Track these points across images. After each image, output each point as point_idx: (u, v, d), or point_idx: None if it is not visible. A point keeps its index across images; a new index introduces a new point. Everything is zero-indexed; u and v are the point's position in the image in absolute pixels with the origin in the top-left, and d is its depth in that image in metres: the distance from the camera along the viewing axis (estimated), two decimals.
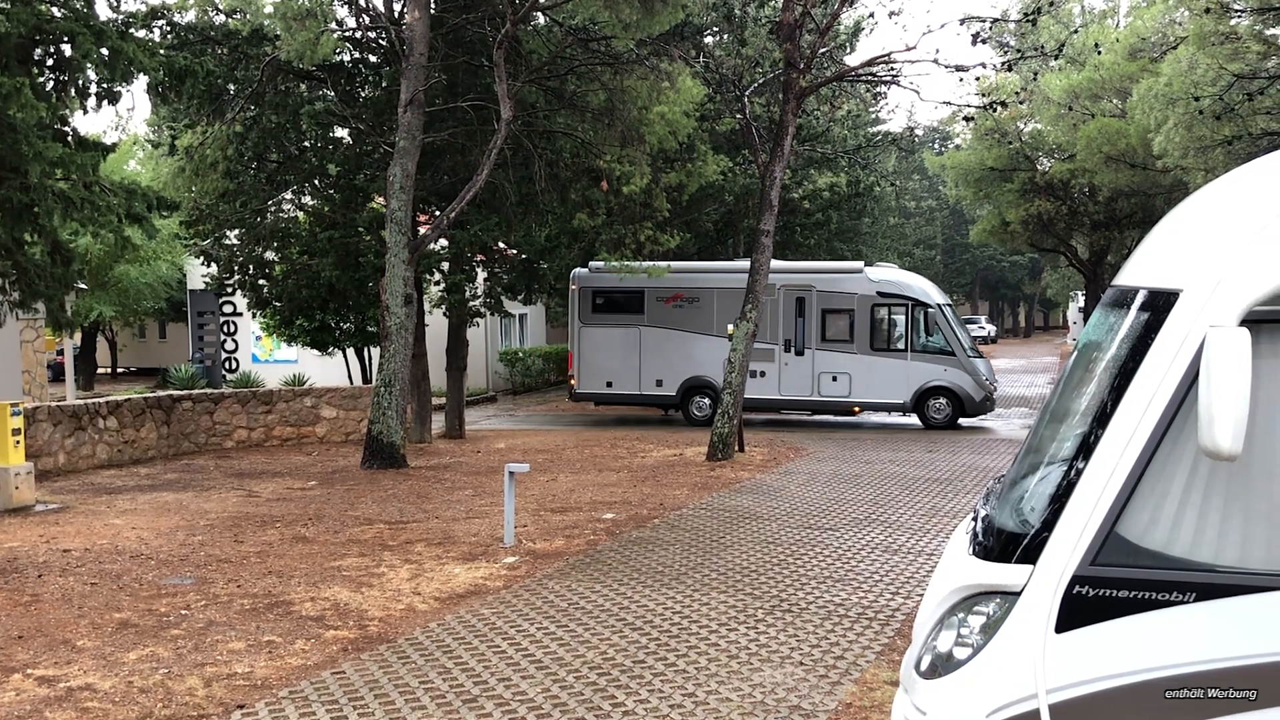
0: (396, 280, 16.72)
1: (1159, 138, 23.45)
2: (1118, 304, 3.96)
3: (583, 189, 21.38)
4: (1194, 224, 3.86)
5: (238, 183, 20.32)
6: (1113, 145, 30.05)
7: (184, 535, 11.38)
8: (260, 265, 21.74)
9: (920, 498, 13.70)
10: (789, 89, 17.31)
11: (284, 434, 20.49)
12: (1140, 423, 3.44)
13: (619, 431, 22.58)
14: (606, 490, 14.30)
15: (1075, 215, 39.20)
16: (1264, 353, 3.33)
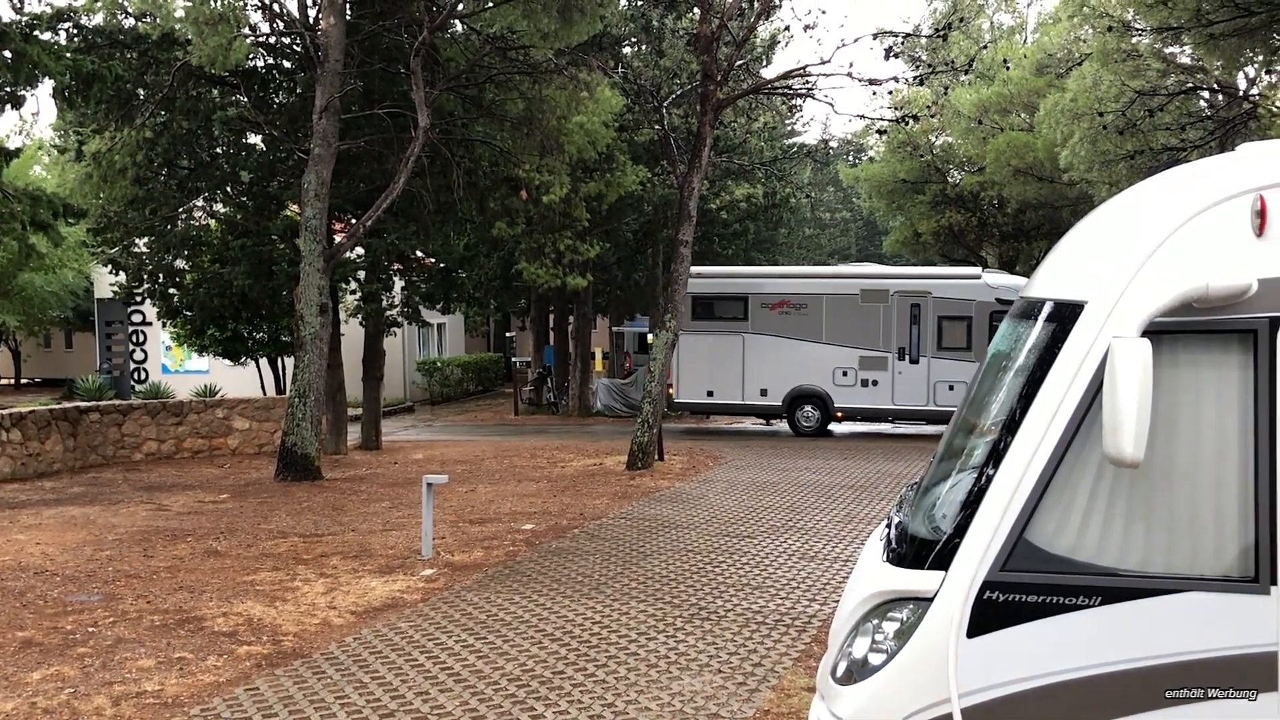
0: (311, 289, 16.47)
1: (1065, 152, 24.13)
2: (1025, 315, 4.06)
3: (502, 197, 21.31)
4: (1098, 238, 3.98)
5: (147, 189, 19.83)
6: (1021, 158, 30.82)
7: (91, 550, 11.05)
8: (170, 273, 21.24)
9: (836, 504, 13.89)
10: (706, 101, 17.45)
11: (195, 446, 20.02)
12: (1047, 431, 3.54)
13: (539, 441, 22.51)
14: (526, 501, 14.24)
15: (985, 227, 40.12)
16: (1165, 362, 3.45)
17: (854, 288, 22.28)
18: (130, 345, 32.50)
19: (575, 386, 29.69)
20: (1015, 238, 39.31)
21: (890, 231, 45.12)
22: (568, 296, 29.38)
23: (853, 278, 22.95)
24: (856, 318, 22.08)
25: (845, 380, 22.41)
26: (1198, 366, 3.52)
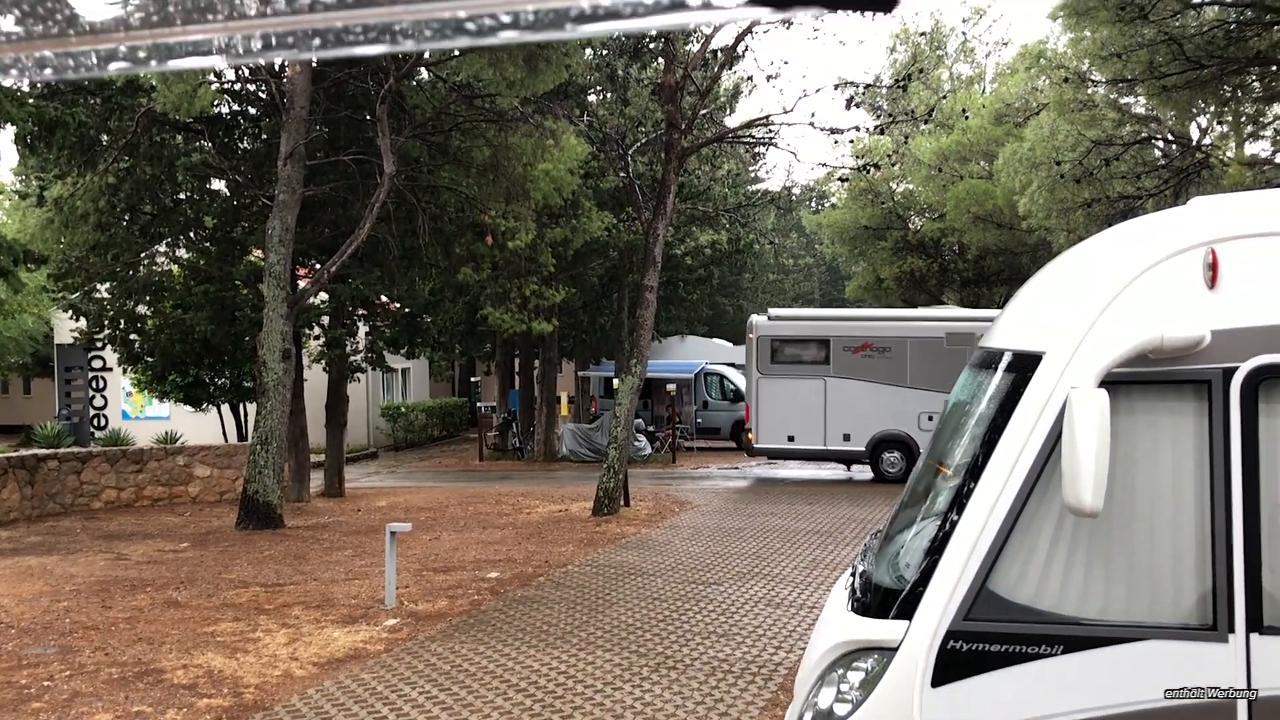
0: (274, 335, 16.35)
1: (1024, 199, 24.52)
2: (985, 365, 4.11)
3: (467, 243, 21.32)
4: (1054, 290, 4.04)
5: (109, 235, 19.67)
6: (980, 206, 31.28)
7: (48, 601, 10.81)
8: (132, 319, 21.04)
9: (802, 550, 13.87)
10: (671, 149, 17.61)
11: (155, 494, 19.72)
12: (1008, 481, 3.57)
13: (504, 487, 22.37)
14: (491, 548, 14.12)
15: (946, 272, 40.55)
16: (1123, 412, 3.50)
17: (939, 330, 21.97)
18: (90, 391, 32.07)
19: (541, 431, 29.59)
20: (976, 283, 39.76)
21: (853, 277, 45.47)
22: (533, 341, 29.36)
23: (938, 320, 22.43)
24: (942, 361, 21.37)
25: (930, 425, 22.35)
26: (1154, 416, 3.57)
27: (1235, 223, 3.64)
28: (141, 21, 0.71)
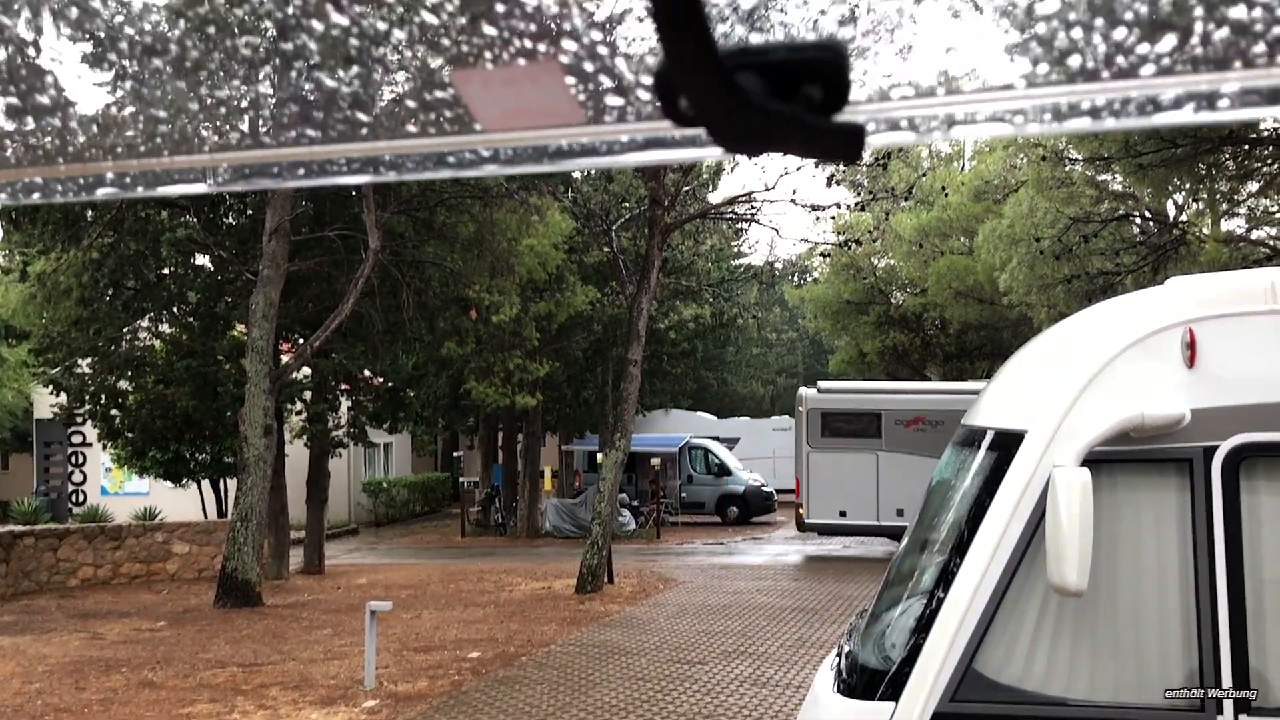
0: (256, 410, 16.28)
1: (1004, 275, 24.76)
2: (968, 443, 4.12)
3: (451, 317, 21.36)
4: (1036, 367, 4.07)
5: (92, 310, 19.64)
6: (961, 281, 31.57)
7: (19, 683, 10.58)
8: (113, 394, 20.91)
9: (787, 628, 13.73)
10: (655, 225, 17.78)
11: (133, 571, 19.42)
12: (992, 560, 3.55)
13: (486, 564, 22.13)
14: (472, 627, 13.92)
15: (928, 347, 40.77)
16: (1105, 491, 3.50)
17: None
18: (69, 467, 31.73)
19: (524, 507, 29.38)
20: (958, 357, 39.98)
21: (836, 351, 45.65)
22: (517, 415, 29.29)
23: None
24: None
25: None
26: (1137, 495, 3.57)
27: (1212, 302, 3.69)
28: (129, 150, 0.73)
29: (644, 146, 0.69)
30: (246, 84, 0.72)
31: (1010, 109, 0.70)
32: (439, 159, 0.72)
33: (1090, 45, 0.65)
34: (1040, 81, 0.67)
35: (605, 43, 0.67)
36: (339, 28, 0.68)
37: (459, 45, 0.69)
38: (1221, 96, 0.66)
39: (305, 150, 0.75)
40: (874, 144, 0.65)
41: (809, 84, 0.63)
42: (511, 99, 0.69)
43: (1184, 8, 0.63)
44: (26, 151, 0.74)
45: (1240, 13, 0.62)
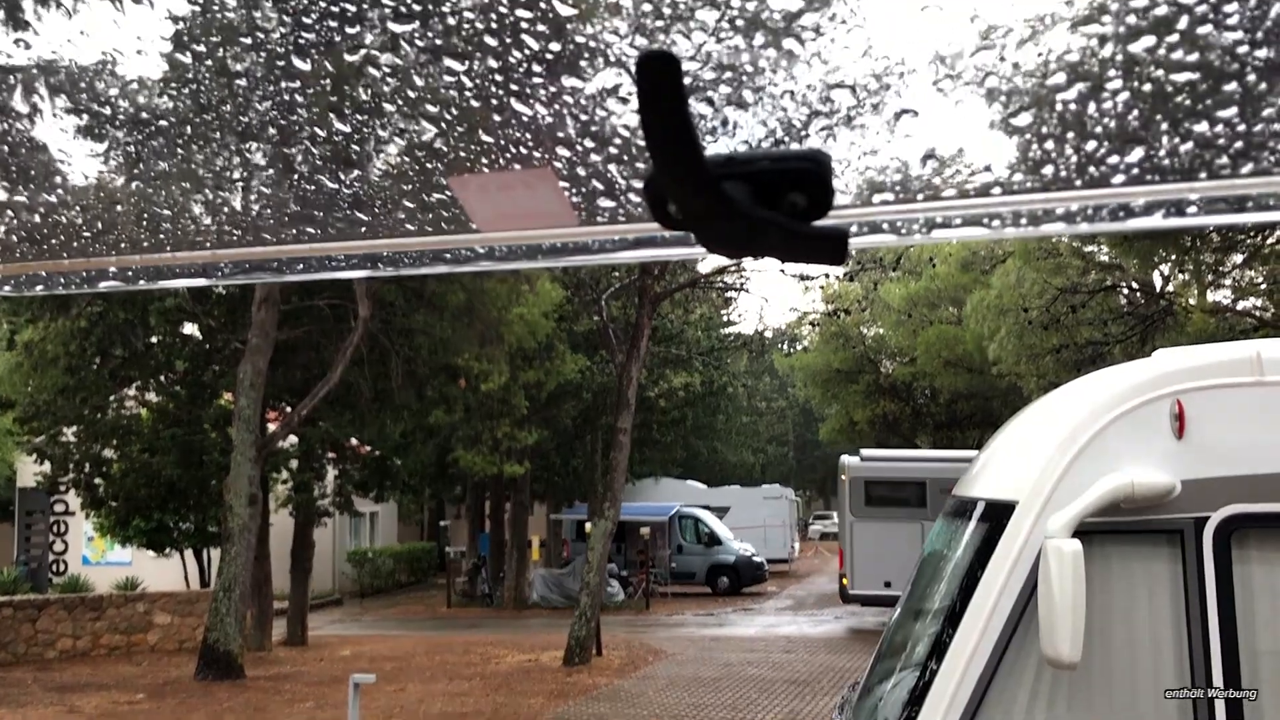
0: (241, 479, 16.17)
1: (993, 345, 24.88)
2: (958, 514, 4.12)
3: (440, 386, 21.34)
4: (1025, 438, 4.08)
5: (79, 378, 19.57)
6: (951, 350, 31.71)
7: None
8: (98, 463, 20.77)
9: (779, 701, 13.56)
10: (644, 294, 17.89)
11: (113, 642, 19.11)
12: (984, 632, 3.53)
13: (472, 635, 21.86)
14: (458, 700, 13.71)
15: (919, 416, 40.81)
16: (1097, 563, 3.50)
17: None
18: (50, 536, 31.36)
19: (511, 577, 29.09)
20: (949, 426, 40.02)
21: (827, 419, 45.68)
22: (504, 484, 29.14)
23: None
24: None
25: None
26: (1129, 566, 3.57)
27: (1199, 373, 3.72)
28: (133, 245, 0.75)
29: (634, 245, 0.71)
30: (249, 185, 0.74)
31: (988, 214, 0.72)
32: (435, 255, 0.74)
33: (1063, 156, 0.68)
34: (1016, 188, 0.70)
35: (597, 150, 0.69)
36: (341, 134, 0.71)
37: (456, 151, 0.72)
38: (1190, 204, 0.69)
39: (305, 247, 0.77)
40: (857, 246, 0.67)
41: (793, 192, 0.66)
42: (507, 202, 0.71)
43: (1151, 123, 0.66)
44: (32, 246, 0.76)
45: (1203, 127, 0.65)
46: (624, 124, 0.70)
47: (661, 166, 0.62)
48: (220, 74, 0.71)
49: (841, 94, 0.70)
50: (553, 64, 0.69)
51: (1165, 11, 0.62)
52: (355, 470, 23.01)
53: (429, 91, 0.70)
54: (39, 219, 0.73)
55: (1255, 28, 0.62)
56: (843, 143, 0.72)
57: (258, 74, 0.70)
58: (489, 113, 0.70)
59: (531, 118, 0.70)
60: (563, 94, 0.70)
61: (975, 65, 0.69)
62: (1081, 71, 0.66)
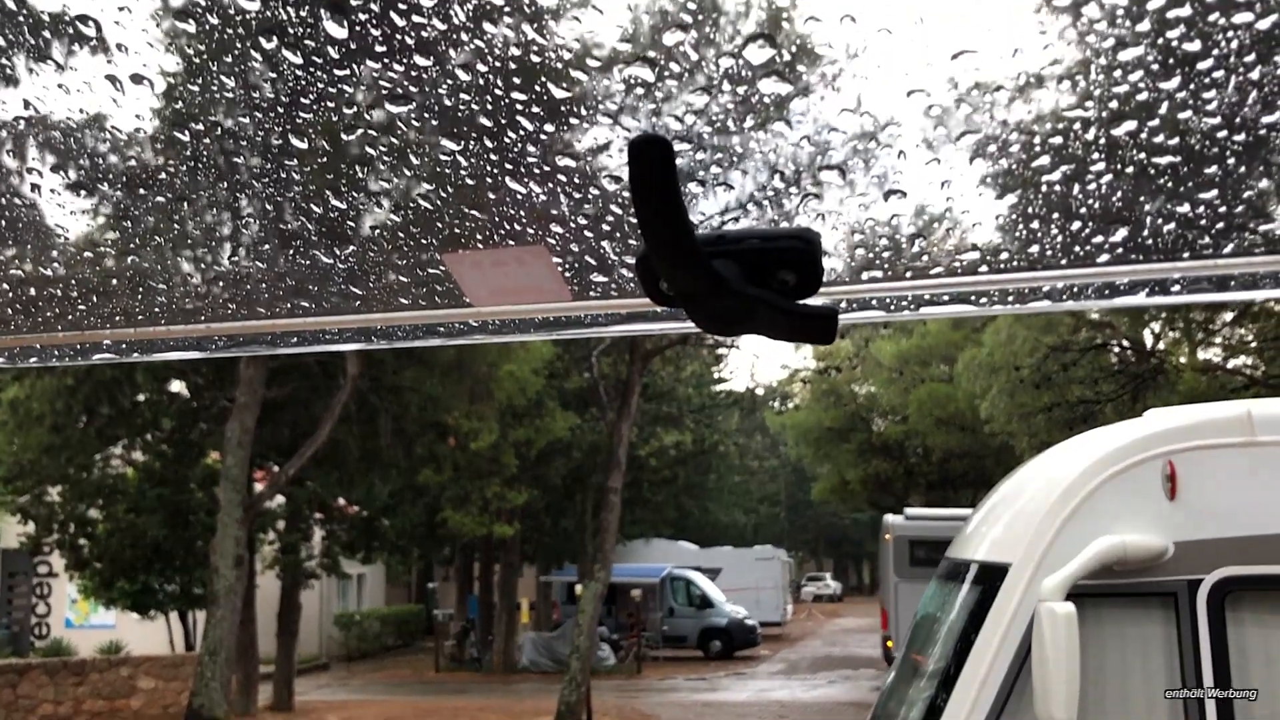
0: (228, 540, 16.03)
1: (985, 404, 24.88)
2: (952, 576, 4.10)
3: (429, 444, 21.26)
4: (1017, 499, 4.08)
5: (64, 436, 19.45)
6: (942, 409, 31.71)
7: None
8: (82, 523, 20.57)
9: None
10: (635, 350, 17.93)
11: (95, 708, 18.78)
12: (979, 696, 3.50)
13: (460, 701, 21.56)
14: None
15: (911, 475, 40.71)
16: (1091, 625, 3.48)
17: None
18: (33, 598, 30.95)
19: (500, 640, 28.75)
20: (941, 486, 39.92)
21: (819, 479, 45.54)
22: (494, 544, 28.91)
23: None
24: None
25: None
26: (1123, 629, 3.55)
27: (1191, 433, 3.72)
28: (127, 319, 0.76)
29: (627, 319, 0.73)
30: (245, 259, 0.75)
31: (975, 291, 0.74)
32: (429, 329, 0.75)
33: (1049, 236, 0.70)
34: (1003, 267, 0.71)
35: (590, 226, 0.71)
36: (337, 210, 0.72)
37: (451, 228, 0.73)
38: (1174, 282, 0.71)
39: (299, 321, 0.78)
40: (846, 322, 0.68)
41: (783, 270, 0.67)
42: (501, 278, 0.72)
43: (1134, 204, 0.67)
44: (26, 319, 0.76)
45: (1186, 208, 0.67)
46: (617, 202, 0.72)
47: (653, 245, 0.63)
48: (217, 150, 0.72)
49: (830, 174, 0.72)
50: (547, 144, 0.71)
51: (1146, 97, 0.64)
52: (343, 531, 22.83)
53: (425, 170, 0.71)
54: (34, 292, 0.73)
55: (1234, 114, 0.64)
56: (831, 221, 0.73)
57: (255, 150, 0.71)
58: (484, 191, 0.71)
59: (526, 195, 0.72)
60: (557, 173, 0.71)
61: (962, 148, 0.70)
62: (1066, 154, 0.67)
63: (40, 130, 0.74)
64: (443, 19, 0.68)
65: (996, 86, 0.68)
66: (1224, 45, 0.63)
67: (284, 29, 0.69)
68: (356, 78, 0.70)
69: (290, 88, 0.70)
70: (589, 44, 0.69)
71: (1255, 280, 0.68)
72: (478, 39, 0.69)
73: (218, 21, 0.69)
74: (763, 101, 0.71)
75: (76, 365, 0.67)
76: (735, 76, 0.69)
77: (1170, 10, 0.63)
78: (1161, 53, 0.63)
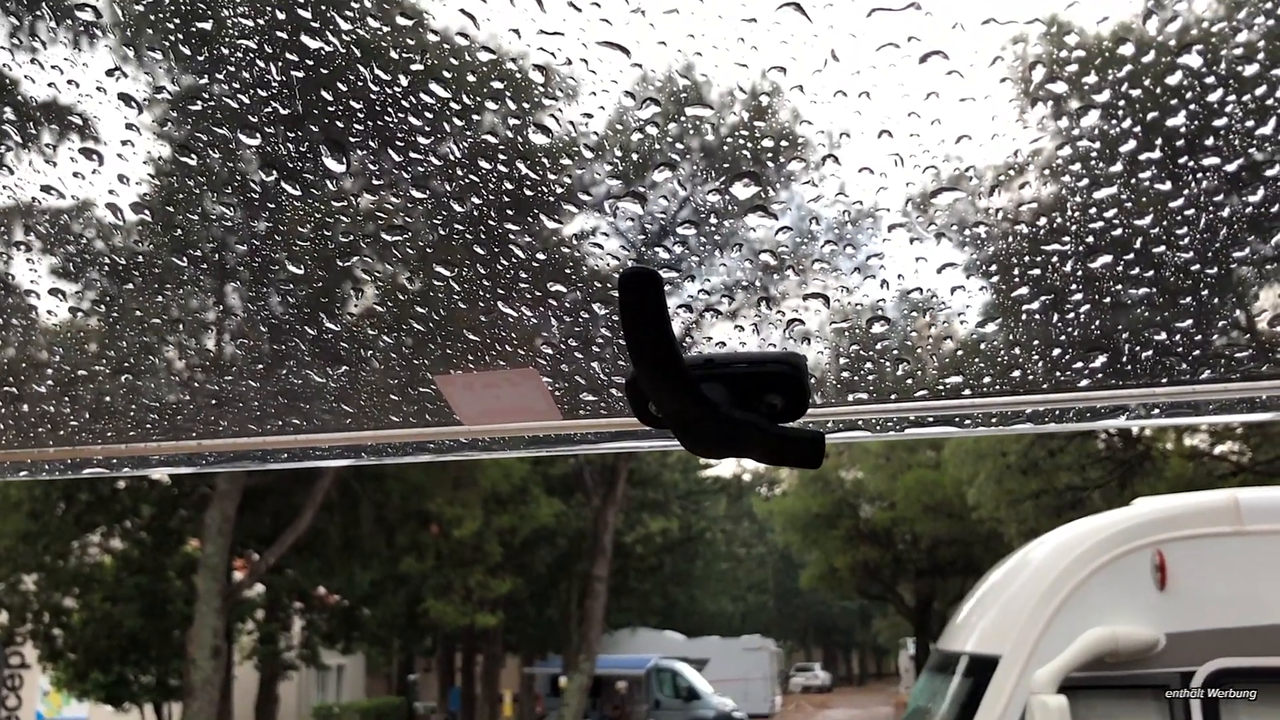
0: (206, 630, 15.74)
1: (972, 490, 24.79)
2: (942, 668, 4.06)
3: (412, 532, 21.05)
4: (1006, 590, 4.05)
5: (42, 523, 19.20)
6: (930, 495, 31.58)
7: None
8: (57, 613, 20.19)
9: None
10: None
11: None
12: None
13: None
14: None
15: (900, 562, 40.38)
16: (1083, 717, 3.43)
17: None
18: (4, 691, 30.23)
19: None
20: (930, 573, 39.59)
21: (807, 566, 45.11)
22: (476, 635, 28.45)
23: None
24: None
25: None
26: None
27: (1179, 523, 3.72)
28: (119, 435, 0.76)
29: (616, 437, 0.74)
30: (238, 378, 0.76)
31: (959, 414, 0.75)
32: (419, 446, 0.76)
33: (1030, 361, 0.71)
34: (986, 390, 0.73)
35: (581, 349, 0.72)
36: (331, 332, 0.73)
37: (444, 349, 0.74)
38: (1154, 407, 0.72)
39: (289, 438, 0.78)
40: (833, 442, 0.69)
41: (770, 394, 0.68)
42: (492, 399, 0.73)
43: (1113, 332, 0.69)
44: (18, 435, 0.77)
45: (1162, 337, 0.69)
46: (607, 325, 0.73)
47: (642, 370, 0.64)
48: (213, 273, 0.73)
49: (816, 302, 0.74)
50: (539, 271, 0.73)
51: (1121, 233, 0.66)
52: (322, 620, 22.46)
53: (419, 294, 0.73)
54: (26, 408, 0.74)
55: (1206, 249, 0.66)
56: (818, 345, 0.75)
57: (250, 274, 0.73)
58: (476, 314, 0.73)
59: (518, 319, 0.73)
60: (548, 297, 0.73)
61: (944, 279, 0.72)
62: (1045, 285, 0.69)
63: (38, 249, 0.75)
64: (439, 156, 0.71)
65: (976, 221, 0.71)
66: (1194, 186, 0.66)
67: (284, 163, 0.71)
68: (354, 209, 0.72)
69: (288, 217, 0.72)
70: (581, 179, 0.71)
71: (1231, 405, 0.70)
72: (473, 174, 0.71)
73: (219, 155, 0.71)
74: (748, 234, 0.73)
75: (66, 478, 0.67)
76: (722, 210, 0.72)
77: (1142, 154, 0.66)
78: (1135, 192, 0.66)
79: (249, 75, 0.66)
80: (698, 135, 0.68)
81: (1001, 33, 0.63)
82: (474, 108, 0.67)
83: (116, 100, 0.69)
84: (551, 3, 0.62)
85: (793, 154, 0.69)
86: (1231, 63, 0.61)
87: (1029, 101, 0.66)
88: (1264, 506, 3.80)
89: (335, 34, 0.64)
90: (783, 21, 0.64)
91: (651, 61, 0.66)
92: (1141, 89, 0.63)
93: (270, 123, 0.68)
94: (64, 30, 0.67)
